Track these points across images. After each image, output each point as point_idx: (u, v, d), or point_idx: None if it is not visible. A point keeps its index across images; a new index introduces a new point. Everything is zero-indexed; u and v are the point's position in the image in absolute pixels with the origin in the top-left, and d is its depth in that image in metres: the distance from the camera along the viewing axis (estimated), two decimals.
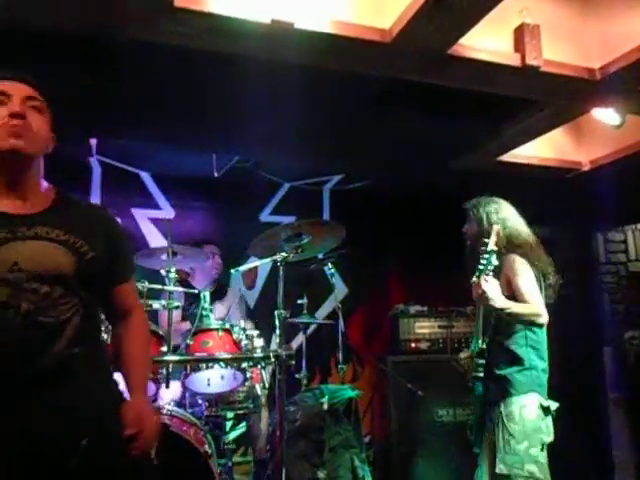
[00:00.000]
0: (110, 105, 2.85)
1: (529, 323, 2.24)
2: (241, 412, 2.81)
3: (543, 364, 2.27)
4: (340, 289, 4.31)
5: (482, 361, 2.28)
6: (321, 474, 2.73)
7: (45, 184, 1.39)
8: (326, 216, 4.56)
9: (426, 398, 3.35)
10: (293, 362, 2.62)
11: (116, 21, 2.04)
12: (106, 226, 1.42)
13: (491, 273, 2.20)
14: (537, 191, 3.82)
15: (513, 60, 2.46)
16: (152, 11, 1.99)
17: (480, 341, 2.28)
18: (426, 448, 3.37)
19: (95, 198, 3.98)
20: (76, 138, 3.55)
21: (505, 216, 2.42)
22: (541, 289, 2.32)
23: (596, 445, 3.90)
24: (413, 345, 3.83)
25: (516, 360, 2.24)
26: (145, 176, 4.14)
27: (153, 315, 2.95)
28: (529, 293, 2.23)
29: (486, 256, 2.21)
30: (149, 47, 2.20)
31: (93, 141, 3.68)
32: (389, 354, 3.79)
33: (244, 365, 2.62)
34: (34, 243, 1.24)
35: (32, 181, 1.33)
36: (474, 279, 2.22)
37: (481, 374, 2.31)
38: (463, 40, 2.33)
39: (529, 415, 2.17)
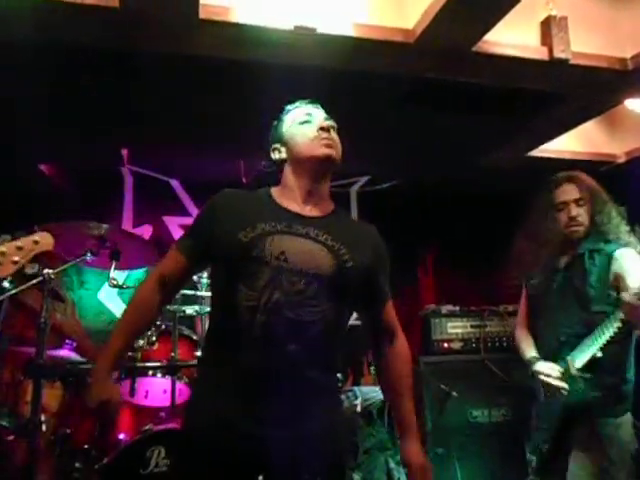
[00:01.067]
0: (141, 116, 2.92)
1: None
2: None
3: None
4: None
5: (586, 375, 1.90)
6: (356, 476, 2.73)
7: (329, 200, 1.49)
8: (354, 216, 4.55)
9: (460, 399, 3.30)
10: None
11: (144, 35, 2.10)
12: (373, 244, 1.46)
13: None
14: None
15: (540, 54, 2.42)
16: (178, 24, 2.04)
17: (588, 355, 1.91)
18: (462, 449, 3.33)
19: (127, 207, 4.09)
20: (108, 149, 3.66)
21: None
22: None
23: None
24: (445, 345, 3.79)
25: (624, 373, 1.94)
26: (175, 184, 4.22)
27: (188, 321, 3.01)
28: None
29: None
30: (176, 59, 2.26)
31: (124, 151, 3.77)
32: (421, 355, 3.76)
33: None
34: (304, 241, 1.31)
35: (324, 189, 1.46)
36: (631, 298, 1.74)
37: (578, 390, 1.93)
38: (488, 36, 2.30)
39: (625, 436, 1.88)
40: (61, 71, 2.54)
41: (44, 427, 2.50)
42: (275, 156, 1.49)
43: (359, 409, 2.86)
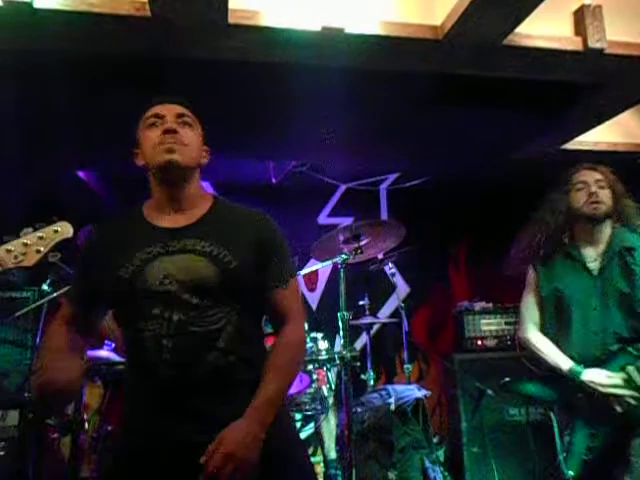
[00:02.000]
0: None
1: None
2: (309, 413, 2.85)
3: None
4: (402, 288, 4.29)
5: None
6: (391, 475, 2.72)
7: (203, 193, 1.43)
8: (384, 216, 4.54)
9: (496, 397, 3.26)
10: (358, 363, 2.64)
11: (175, 43, 2.14)
12: (257, 232, 1.38)
13: None
14: None
15: (574, 44, 2.36)
16: (208, 29, 2.07)
17: None
18: (499, 448, 3.28)
19: None
20: None
21: None
22: None
23: None
24: (479, 343, 3.74)
25: None
26: (207, 186, 4.28)
27: None
28: None
29: None
30: (206, 64, 2.29)
31: None
32: (455, 352, 3.72)
33: (309, 367, 2.66)
34: (181, 256, 1.29)
35: (189, 192, 1.38)
36: None
37: None
38: (519, 29, 2.26)
39: None
40: (97, 80, 2.61)
41: (86, 425, 2.58)
42: (137, 162, 1.42)
43: (393, 407, 2.85)
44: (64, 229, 1.60)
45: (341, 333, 2.71)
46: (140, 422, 1.30)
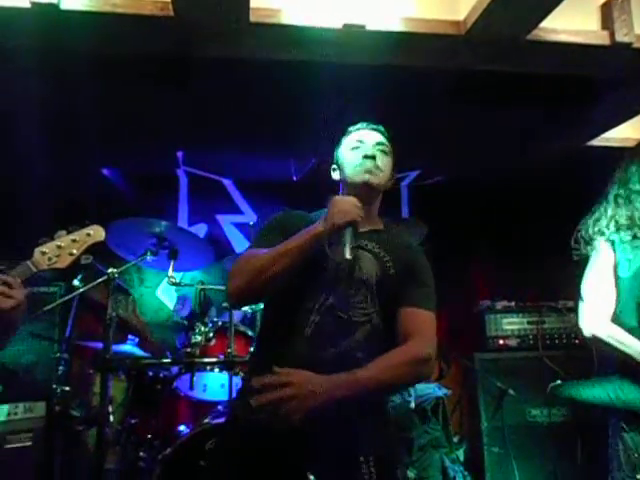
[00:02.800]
0: (194, 119, 3.01)
1: None
2: None
3: None
4: None
5: None
6: (411, 473, 2.72)
7: (379, 216, 1.63)
8: (405, 213, 4.51)
9: (517, 397, 3.22)
10: None
11: (198, 42, 2.16)
12: (414, 256, 1.54)
13: None
14: None
15: (601, 39, 2.31)
16: (229, 28, 2.09)
17: None
18: (520, 449, 3.24)
19: (183, 206, 4.22)
20: (164, 152, 3.79)
21: None
22: None
23: None
24: (501, 342, 3.70)
25: None
26: (228, 183, 4.32)
27: (251, 319, 3.09)
28: None
29: None
30: (228, 62, 2.31)
31: (179, 153, 3.90)
32: (476, 351, 3.69)
33: None
34: (357, 251, 1.42)
35: (372, 211, 1.58)
36: None
37: None
38: (544, 23, 2.22)
39: None
40: (120, 80, 2.66)
41: (111, 417, 2.64)
42: (334, 176, 1.66)
43: (413, 406, 2.84)
44: (97, 233, 1.66)
45: None
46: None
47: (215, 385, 2.79)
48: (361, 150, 1.56)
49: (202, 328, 2.75)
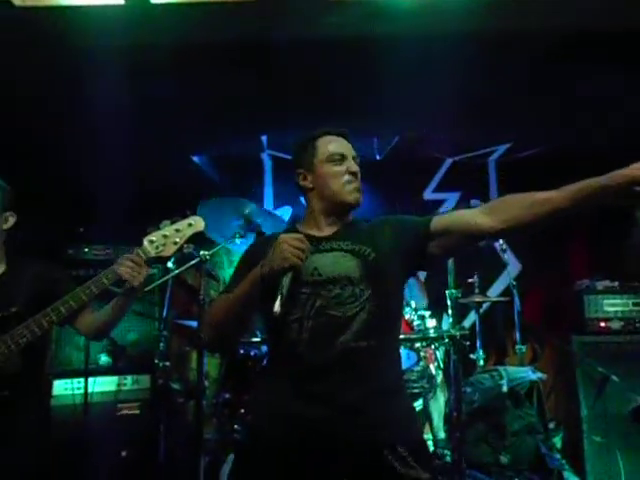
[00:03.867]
0: (277, 102, 3.05)
1: None
2: (416, 391, 2.84)
3: None
4: (514, 266, 4.07)
5: None
6: (504, 458, 2.64)
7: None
8: (493, 189, 4.32)
9: (621, 384, 3.00)
10: (468, 342, 2.57)
11: (280, 24, 2.17)
12: (388, 227, 1.53)
13: None
14: None
15: None
16: (311, 7, 2.07)
17: None
18: (624, 439, 3.02)
19: (268, 189, 4.32)
20: (249, 136, 3.88)
21: None
22: None
23: None
24: (602, 325, 3.45)
25: None
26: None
27: None
28: None
29: None
30: (309, 42, 2.31)
31: (264, 137, 3.98)
32: (574, 334, 3.47)
33: (417, 345, 2.63)
34: (330, 254, 1.48)
35: (348, 219, 1.59)
36: None
37: None
38: None
39: None
40: (204, 68, 2.74)
41: (207, 392, 2.79)
42: (300, 182, 1.59)
43: (505, 389, 2.75)
44: (198, 223, 1.78)
45: (449, 311, 2.65)
46: (274, 401, 1.42)
47: None
48: (344, 166, 1.54)
49: None
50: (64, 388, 2.78)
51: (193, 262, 2.72)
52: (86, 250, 3.04)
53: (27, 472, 1.72)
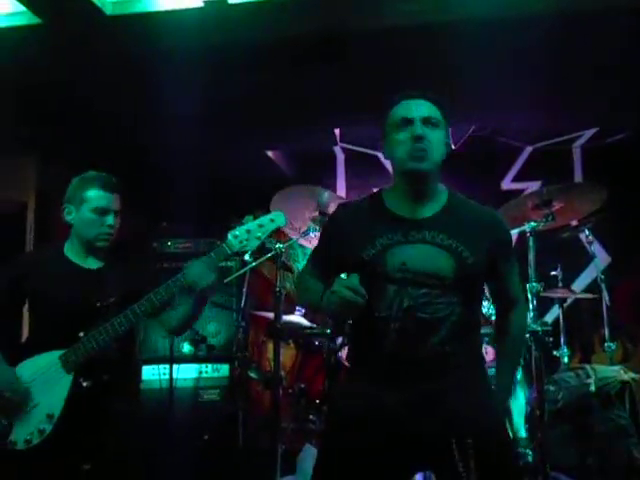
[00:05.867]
0: (350, 95, 3.04)
1: None
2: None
3: None
4: (601, 258, 3.82)
5: None
6: (591, 461, 2.50)
7: (441, 188, 1.51)
8: (578, 177, 4.07)
9: None
10: (551, 338, 2.46)
11: (355, 14, 2.17)
12: (492, 232, 1.46)
13: None
14: None
15: None
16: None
17: None
18: None
19: (340, 182, 4.34)
20: (322, 130, 3.91)
21: None
22: None
23: None
24: None
25: None
26: (382, 156, 4.32)
27: None
28: None
29: None
30: (385, 32, 2.28)
31: (336, 131, 3.99)
32: None
33: None
34: (421, 247, 1.38)
35: (430, 188, 1.46)
36: None
37: None
38: None
39: None
40: (278, 64, 2.78)
41: (284, 382, 2.86)
42: (382, 152, 1.56)
43: (593, 389, 2.59)
44: (278, 219, 1.84)
45: (531, 306, 2.54)
46: (356, 401, 1.42)
47: None
48: (408, 130, 1.39)
49: None
50: (152, 373, 2.96)
51: (269, 255, 2.79)
52: (169, 244, 3.20)
53: (118, 451, 1.84)
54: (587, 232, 3.12)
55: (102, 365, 1.80)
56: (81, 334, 1.78)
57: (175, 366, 2.88)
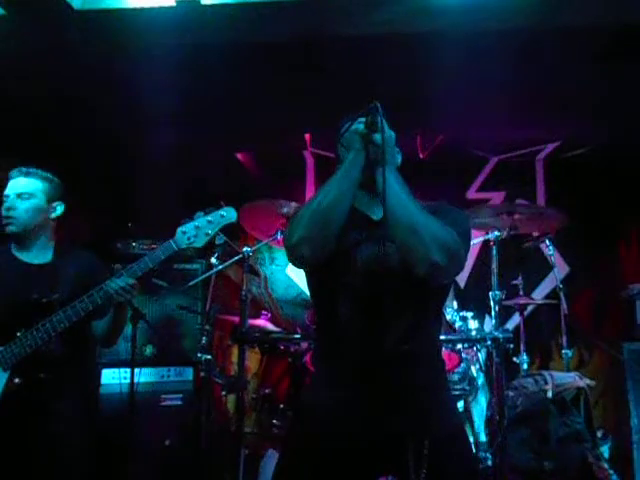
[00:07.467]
0: (321, 100, 3.06)
1: None
2: (457, 393, 2.80)
3: None
4: (560, 268, 3.94)
5: None
6: (548, 465, 2.57)
7: None
8: (540, 189, 4.19)
9: None
10: (511, 345, 2.52)
11: (327, 22, 2.18)
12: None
13: None
14: None
15: None
16: (357, 6, 2.08)
17: None
18: None
19: (309, 187, 4.34)
20: (292, 134, 3.91)
21: None
22: None
23: None
24: None
25: None
26: None
27: None
28: None
29: None
30: (355, 40, 2.31)
31: (307, 136, 3.99)
32: (625, 341, 3.34)
33: (459, 346, 2.59)
34: (372, 246, 1.37)
35: None
36: None
37: None
38: None
39: None
40: (251, 67, 2.78)
41: (248, 386, 2.85)
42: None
43: (550, 394, 2.67)
44: (229, 214, 1.80)
45: (492, 313, 2.60)
46: (320, 405, 1.41)
47: None
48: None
49: None
50: (112, 377, 2.88)
51: (236, 258, 2.77)
52: (134, 245, 3.14)
53: (73, 455, 1.79)
54: (547, 243, 3.23)
55: (41, 363, 1.75)
56: (19, 333, 1.73)
57: (137, 370, 2.82)
